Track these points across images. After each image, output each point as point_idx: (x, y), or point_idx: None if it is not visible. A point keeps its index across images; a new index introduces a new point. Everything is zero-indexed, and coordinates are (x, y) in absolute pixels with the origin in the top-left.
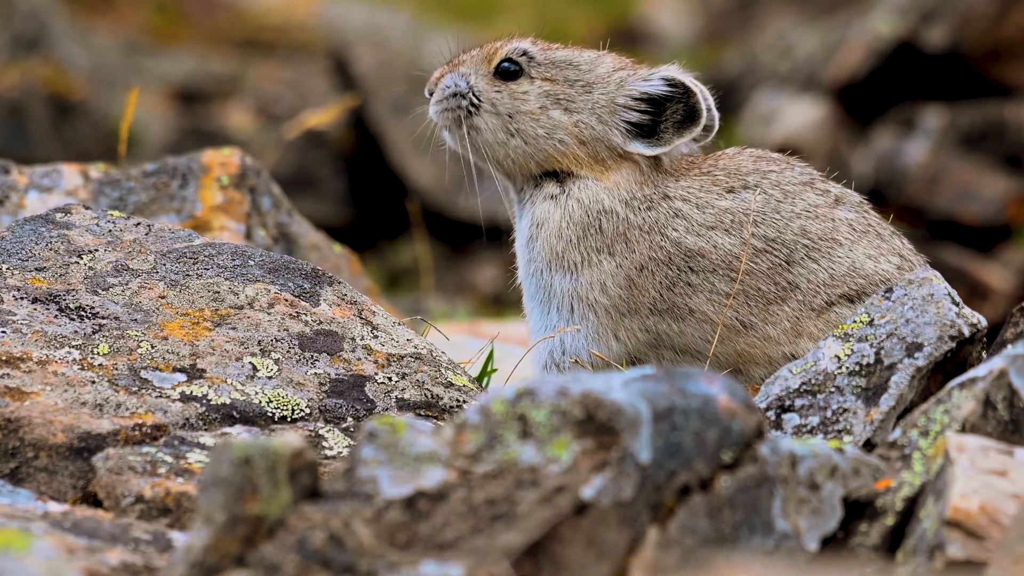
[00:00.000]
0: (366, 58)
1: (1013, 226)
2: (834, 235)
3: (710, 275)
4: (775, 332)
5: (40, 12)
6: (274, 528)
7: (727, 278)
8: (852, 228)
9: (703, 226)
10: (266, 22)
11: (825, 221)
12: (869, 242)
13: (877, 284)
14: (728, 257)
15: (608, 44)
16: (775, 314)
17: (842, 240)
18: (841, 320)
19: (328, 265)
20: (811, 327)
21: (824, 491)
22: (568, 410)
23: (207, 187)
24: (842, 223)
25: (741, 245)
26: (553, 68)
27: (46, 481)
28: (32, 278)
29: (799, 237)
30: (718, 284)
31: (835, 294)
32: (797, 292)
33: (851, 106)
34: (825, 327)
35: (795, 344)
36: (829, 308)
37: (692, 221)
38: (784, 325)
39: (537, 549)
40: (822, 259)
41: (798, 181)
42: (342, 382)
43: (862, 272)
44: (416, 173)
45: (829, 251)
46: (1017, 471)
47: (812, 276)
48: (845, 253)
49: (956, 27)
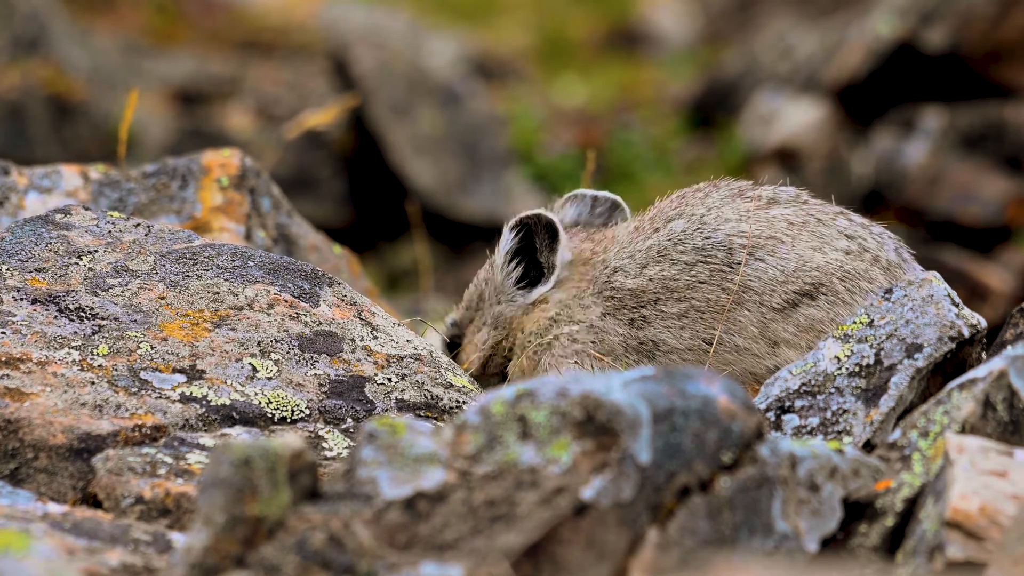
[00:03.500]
0: (366, 59)
1: (1013, 227)
2: (772, 232)
3: (655, 305)
4: (743, 342)
5: (40, 13)
6: (274, 529)
7: (673, 300)
8: (789, 223)
9: (638, 266)
10: (266, 23)
11: (759, 220)
12: (810, 232)
13: (832, 275)
14: (665, 280)
15: (607, 46)
16: (736, 322)
17: (782, 237)
18: (811, 323)
19: (328, 266)
20: (783, 333)
21: (824, 492)
22: (568, 411)
23: (207, 188)
24: (778, 220)
25: (672, 266)
26: (467, 311)
27: (46, 482)
28: (32, 279)
29: (734, 236)
30: (669, 308)
31: (791, 291)
32: (751, 293)
33: (851, 107)
34: (799, 332)
35: (775, 356)
36: (794, 308)
37: (628, 270)
38: (751, 332)
39: (537, 550)
40: (768, 256)
41: (723, 196)
42: (342, 383)
43: (812, 265)
44: (416, 174)
45: (773, 248)
46: (1017, 472)
47: (762, 275)
48: (789, 249)
49: (956, 28)
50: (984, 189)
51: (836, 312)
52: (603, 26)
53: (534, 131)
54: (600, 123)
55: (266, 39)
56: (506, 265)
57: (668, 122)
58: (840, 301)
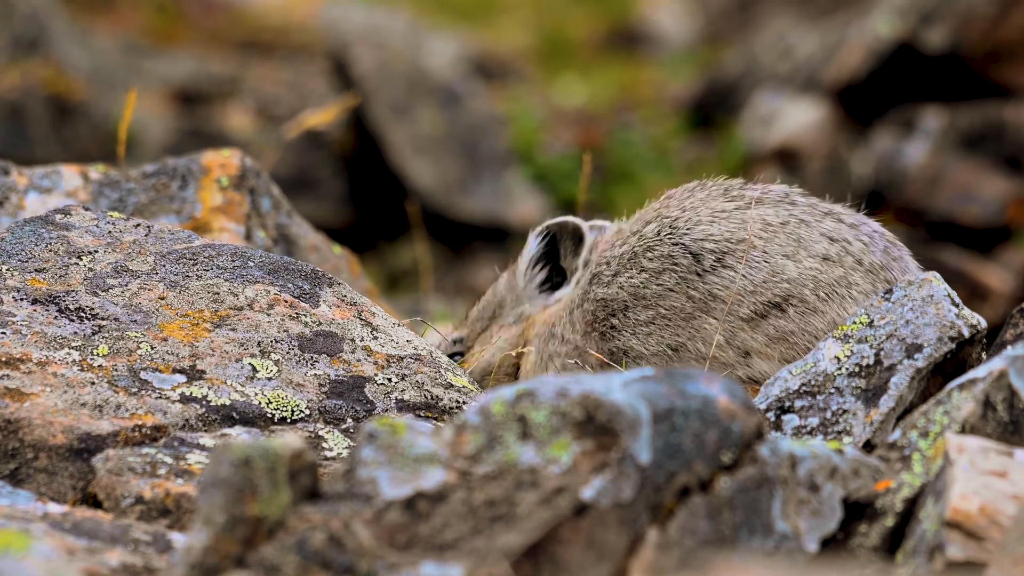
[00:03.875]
0: (366, 59)
1: (1013, 227)
2: (744, 235)
3: (626, 312)
4: (709, 350)
5: (40, 13)
6: (274, 529)
7: (641, 307)
8: (767, 225)
9: (611, 275)
10: (266, 23)
11: (732, 223)
12: (788, 235)
13: (803, 285)
14: (633, 288)
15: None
16: (700, 328)
17: (755, 241)
18: (783, 335)
19: (328, 266)
20: (752, 343)
21: (824, 492)
22: (568, 411)
23: (207, 188)
24: (755, 222)
25: (640, 274)
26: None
27: (46, 482)
28: (32, 279)
29: (703, 241)
30: (637, 316)
31: (759, 301)
32: (717, 302)
33: (851, 107)
34: (769, 342)
35: (748, 367)
36: (763, 319)
37: (603, 277)
38: (718, 340)
39: (537, 550)
40: (737, 264)
41: (705, 196)
42: (342, 383)
43: (783, 276)
44: (416, 174)
45: (743, 254)
46: (1017, 472)
47: (729, 283)
48: (759, 255)
49: (956, 28)
50: (984, 189)
51: (808, 322)
52: (603, 26)
53: (534, 131)
54: (600, 123)
55: (266, 39)
56: (530, 269)
57: (668, 122)
58: (811, 311)
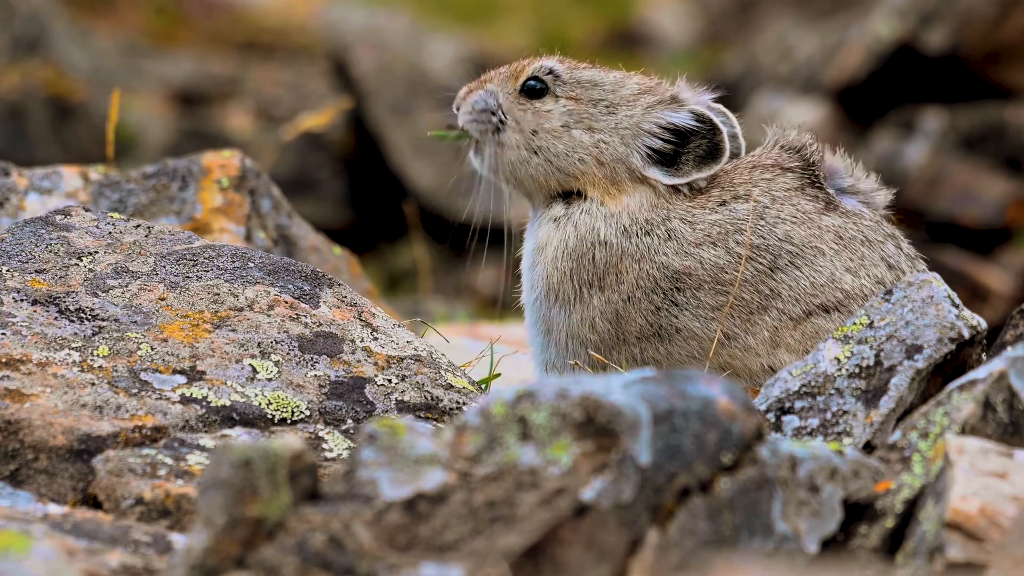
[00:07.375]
0: (366, 60)
1: (1013, 228)
2: (818, 243)
3: (696, 292)
4: (755, 342)
5: (40, 14)
6: (274, 530)
7: (713, 291)
8: (838, 237)
9: (692, 244)
10: (266, 24)
11: (811, 228)
12: (853, 252)
13: (854, 299)
14: (715, 271)
15: (607, 46)
16: (756, 324)
17: (825, 249)
18: (817, 331)
19: (328, 267)
20: (788, 338)
21: (824, 493)
22: (568, 412)
23: (207, 189)
24: (828, 231)
25: (726, 256)
26: (578, 87)
27: (46, 483)
28: (32, 280)
29: (783, 243)
30: (704, 299)
31: (813, 304)
32: (778, 301)
33: (851, 108)
34: (801, 339)
35: (773, 356)
36: (807, 318)
37: (683, 241)
38: (763, 335)
39: (537, 551)
40: (805, 267)
41: (789, 187)
42: (342, 384)
43: (840, 286)
44: (416, 175)
45: (812, 259)
46: (1017, 473)
47: (794, 284)
48: (827, 263)
49: (956, 29)
50: (984, 190)
51: None
52: (603, 26)
53: None
54: None
55: (266, 40)
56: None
57: None
58: None
